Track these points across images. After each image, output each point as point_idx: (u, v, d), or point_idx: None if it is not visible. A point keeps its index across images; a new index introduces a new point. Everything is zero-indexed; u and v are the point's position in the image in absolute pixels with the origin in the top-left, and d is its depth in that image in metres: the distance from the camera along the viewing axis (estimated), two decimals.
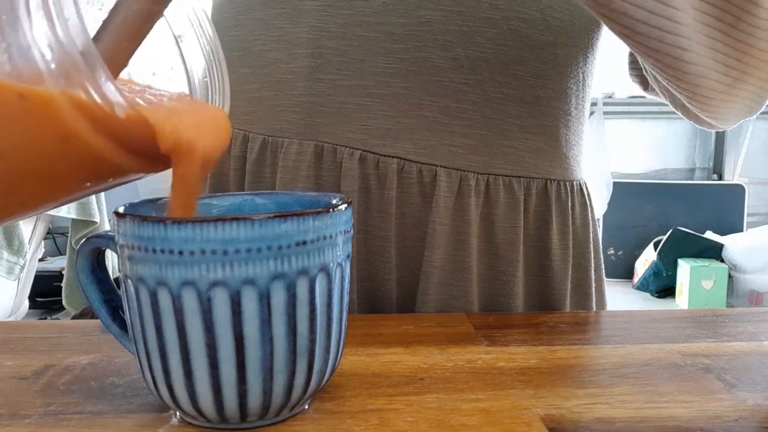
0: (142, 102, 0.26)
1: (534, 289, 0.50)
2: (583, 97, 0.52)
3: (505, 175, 0.47)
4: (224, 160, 0.51)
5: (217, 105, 0.31)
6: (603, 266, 0.55)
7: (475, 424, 0.28)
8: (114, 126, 0.23)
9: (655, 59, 0.37)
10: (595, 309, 0.54)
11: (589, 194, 0.54)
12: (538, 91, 0.47)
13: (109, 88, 0.22)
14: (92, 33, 0.25)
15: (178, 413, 0.29)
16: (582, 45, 0.49)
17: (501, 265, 0.49)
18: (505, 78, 0.46)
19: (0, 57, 0.21)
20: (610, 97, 2.53)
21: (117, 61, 0.26)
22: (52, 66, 0.21)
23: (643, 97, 0.56)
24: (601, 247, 0.56)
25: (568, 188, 0.51)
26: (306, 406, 0.30)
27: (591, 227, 0.53)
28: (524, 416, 0.29)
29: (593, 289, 0.53)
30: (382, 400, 0.30)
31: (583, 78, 0.51)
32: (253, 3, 0.49)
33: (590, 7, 0.35)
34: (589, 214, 0.53)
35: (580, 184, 0.53)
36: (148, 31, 0.26)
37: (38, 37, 0.21)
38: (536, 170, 0.49)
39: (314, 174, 0.47)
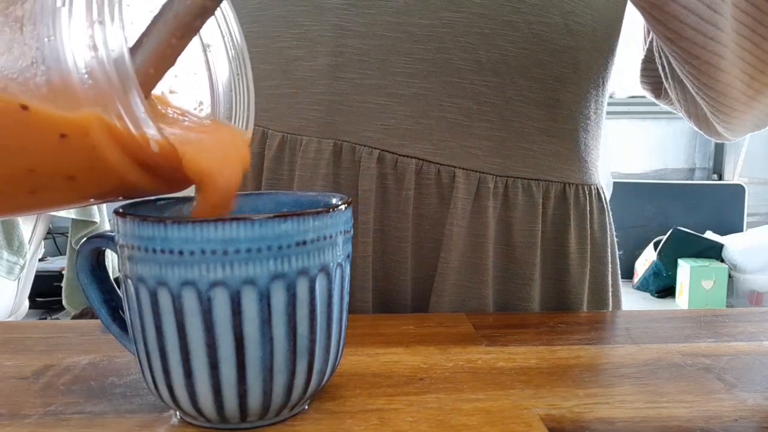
0: (170, 130, 0.26)
1: (550, 293, 0.50)
2: (602, 101, 0.52)
3: (524, 178, 0.47)
4: None
5: (240, 121, 0.30)
6: (619, 271, 0.55)
7: (475, 424, 0.28)
8: (145, 155, 0.23)
9: (693, 66, 0.37)
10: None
11: (606, 199, 0.54)
12: (558, 94, 0.47)
13: (147, 122, 0.22)
14: (133, 41, 0.25)
15: (178, 413, 0.29)
16: (602, 50, 0.49)
17: (517, 268, 0.48)
18: (526, 81, 0.46)
19: (38, 80, 0.21)
20: (610, 97, 2.53)
21: (165, 58, 0.26)
22: (92, 93, 0.21)
23: (643, 97, 0.56)
24: (617, 252, 0.55)
25: (587, 192, 0.51)
26: (306, 406, 0.30)
27: (608, 232, 0.53)
28: (524, 416, 0.29)
29: (610, 294, 0.53)
30: (382, 400, 0.30)
31: (603, 83, 0.51)
32: None
33: (642, 8, 0.35)
34: (607, 219, 0.53)
35: (597, 188, 0.53)
36: (198, 29, 0.26)
37: (79, 63, 0.21)
38: (555, 174, 0.48)
39: (332, 172, 0.47)
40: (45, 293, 2.12)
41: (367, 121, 0.46)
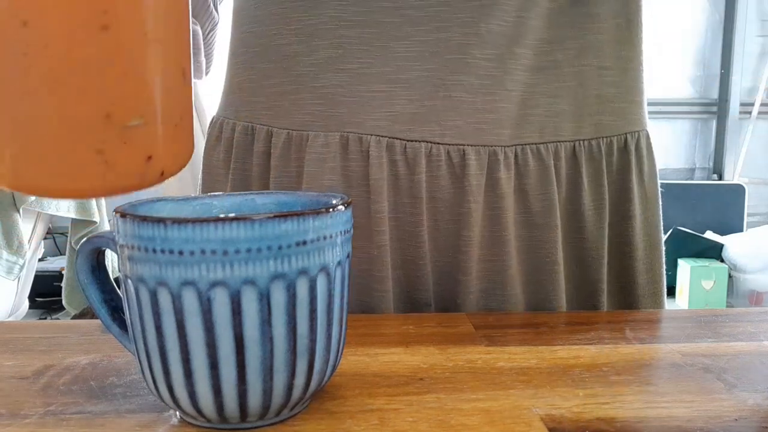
0: None
1: (574, 251, 0.50)
2: (622, 42, 0.49)
3: (533, 143, 0.48)
4: (246, 157, 0.51)
5: None
6: (661, 220, 0.53)
7: (475, 424, 0.28)
8: None
9: None
10: (640, 269, 0.52)
11: (639, 146, 0.51)
12: (556, 55, 0.47)
13: None
14: None
15: (178, 413, 0.29)
16: None
17: (539, 233, 0.48)
18: (523, 49, 0.46)
19: None
20: None
21: None
22: None
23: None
24: (656, 204, 0.53)
25: (601, 146, 0.50)
26: (306, 406, 0.30)
27: (635, 183, 0.51)
28: (524, 416, 0.29)
29: (640, 247, 0.52)
30: (382, 400, 0.30)
31: (619, 27, 0.49)
32: None
33: None
34: (635, 169, 0.51)
35: (626, 138, 0.50)
36: None
37: None
38: (562, 133, 0.48)
39: (341, 165, 0.47)
40: (45, 293, 2.12)
41: (372, 110, 0.46)
